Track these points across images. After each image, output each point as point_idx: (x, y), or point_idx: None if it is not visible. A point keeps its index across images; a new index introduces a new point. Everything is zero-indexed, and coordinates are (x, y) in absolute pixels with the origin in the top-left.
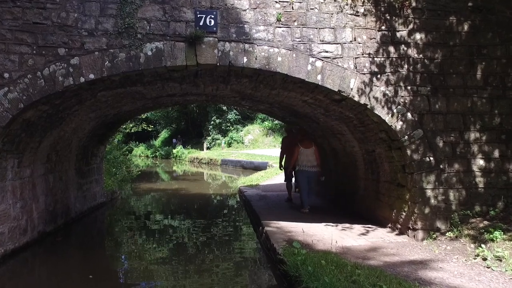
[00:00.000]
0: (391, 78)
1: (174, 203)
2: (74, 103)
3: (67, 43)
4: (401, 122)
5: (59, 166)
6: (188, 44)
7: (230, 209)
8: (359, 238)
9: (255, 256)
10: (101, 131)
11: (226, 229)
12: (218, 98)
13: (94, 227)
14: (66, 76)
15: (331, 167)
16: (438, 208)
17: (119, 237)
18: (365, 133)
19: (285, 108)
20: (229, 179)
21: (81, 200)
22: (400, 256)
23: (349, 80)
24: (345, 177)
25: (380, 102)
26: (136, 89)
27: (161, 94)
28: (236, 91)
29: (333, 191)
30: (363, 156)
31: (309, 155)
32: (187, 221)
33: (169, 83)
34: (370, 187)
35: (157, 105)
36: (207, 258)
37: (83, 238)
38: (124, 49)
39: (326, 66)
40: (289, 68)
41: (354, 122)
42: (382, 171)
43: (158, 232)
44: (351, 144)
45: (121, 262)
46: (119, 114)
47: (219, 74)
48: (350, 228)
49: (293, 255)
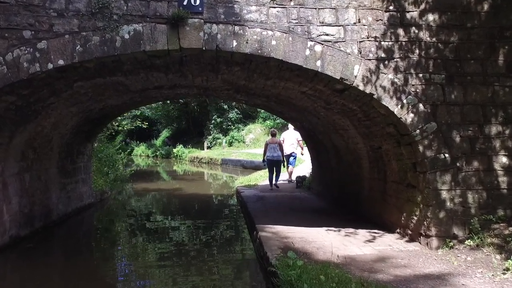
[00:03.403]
0: (401, 65)
1: (168, 204)
2: (47, 95)
3: (34, 25)
4: (412, 114)
5: (38, 164)
6: (171, 26)
7: (227, 211)
8: (364, 246)
9: (247, 266)
10: (86, 127)
11: (220, 234)
12: (210, 91)
13: (79, 230)
14: (32, 62)
15: (332, 166)
16: (454, 212)
17: (105, 241)
18: (371, 127)
19: (282, 102)
20: (229, 178)
21: (64, 201)
22: (413, 269)
23: (353, 66)
24: (348, 177)
25: (388, 91)
26: (117, 79)
27: (147, 86)
28: (229, 82)
29: (335, 191)
30: (368, 153)
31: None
32: (180, 225)
33: (153, 73)
34: (375, 188)
35: (146, 99)
36: (195, 268)
37: (64, 243)
38: (98, 31)
39: (327, 51)
40: (284, 53)
41: (358, 115)
42: (389, 170)
43: (146, 236)
44: (354, 141)
45: (105, 271)
46: (105, 109)
47: (207, 61)
48: (354, 234)
49: (288, 268)
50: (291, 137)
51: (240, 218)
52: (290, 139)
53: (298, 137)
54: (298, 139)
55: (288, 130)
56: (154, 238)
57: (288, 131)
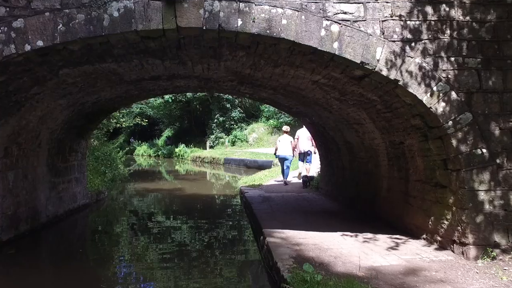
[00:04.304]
0: (429, 47)
1: (168, 205)
2: (29, 83)
3: (9, 0)
4: (443, 104)
5: (24, 161)
6: (166, 3)
7: (230, 212)
8: (388, 255)
9: (254, 277)
10: (79, 122)
11: (222, 238)
12: (212, 83)
13: (70, 234)
14: (6, 43)
15: (344, 165)
16: (495, 216)
17: (98, 246)
18: (392, 120)
19: (291, 94)
20: (232, 178)
21: (55, 202)
22: (453, 285)
23: (375, 49)
24: (362, 176)
25: (415, 77)
26: (108, 66)
27: (142, 75)
28: (232, 71)
29: (347, 192)
30: (387, 149)
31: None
32: (180, 228)
33: (147, 59)
34: (395, 188)
35: (143, 92)
36: (197, 273)
37: (52, 248)
38: (83, 9)
39: (345, 31)
40: (296, 33)
41: (377, 107)
42: (412, 167)
43: (144, 241)
44: (371, 136)
45: (98, 280)
46: (99, 103)
47: (208, 44)
48: (374, 240)
49: (304, 284)
50: (305, 135)
51: (244, 219)
52: (304, 136)
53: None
54: (310, 137)
55: (302, 128)
56: (152, 242)
57: (302, 129)
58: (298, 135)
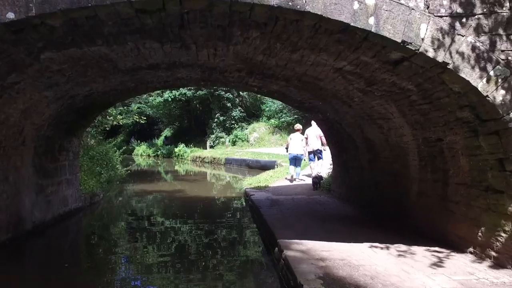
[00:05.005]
0: (484, 23)
1: (167, 209)
2: (5, 69)
3: None
4: (502, 91)
5: (4, 161)
6: None
7: (235, 217)
8: (435, 274)
9: None
10: (69, 118)
11: (230, 248)
12: (217, 74)
13: (59, 242)
14: None
15: (363, 165)
16: None
17: (90, 255)
18: (430, 113)
19: (306, 85)
20: (234, 179)
21: (42, 207)
22: None
23: (419, 25)
24: (386, 177)
25: (467, 59)
26: (99, 51)
27: (139, 63)
28: (242, 58)
29: (366, 195)
30: (419, 148)
31: None
32: (181, 233)
33: (144, 42)
34: (429, 191)
35: (140, 84)
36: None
37: (37, 258)
38: None
39: (382, 4)
40: (324, 6)
41: (412, 97)
42: (453, 168)
43: (140, 249)
44: (398, 132)
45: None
46: (92, 96)
47: (216, 22)
48: (410, 253)
49: None
50: (314, 133)
51: (251, 225)
52: (313, 135)
53: (320, 134)
54: (320, 135)
55: (311, 126)
56: (151, 251)
57: (311, 127)
58: (307, 134)
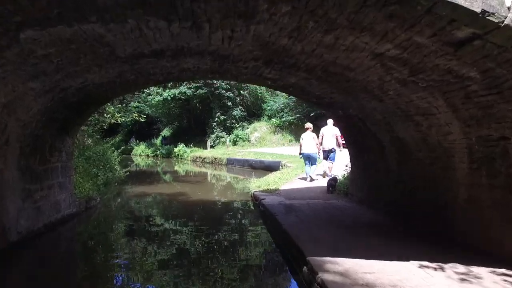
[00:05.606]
0: None
1: (168, 215)
2: None
3: None
4: None
5: None
6: None
7: (244, 224)
8: None
9: None
10: (62, 114)
11: (245, 265)
12: (229, 63)
13: (48, 253)
14: None
15: (390, 166)
16: None
17: (83, 268)
18: (493, 106)
19: (331, 77)
20: (236, 180)
21: (30, 214)
22: None
23: None
24: (419, 181)
25: None
26: (93, 30)
27: (141, 48)
28: (262, 43)
29: (392, 200)
30: (470, 148)
31: None
32: (185, 244)
33: (148, 19)
34: (484, 199)
35: (141, 76)
36: None
37: (22, 273)
38: None
39: None
40: None
41: (471, 87)
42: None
43: (139, 259)
44: (443, 130)
45: None
46: (86, 89)
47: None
48: (474, 277)
49: None
50: (330, 133)
51: (263, 233)
52: (329, 134)
53: (337, 133)
54: (337, 134)
55: (327, 125)
56: (149, 263)
57: (327, 126)
58: (322, 132)
